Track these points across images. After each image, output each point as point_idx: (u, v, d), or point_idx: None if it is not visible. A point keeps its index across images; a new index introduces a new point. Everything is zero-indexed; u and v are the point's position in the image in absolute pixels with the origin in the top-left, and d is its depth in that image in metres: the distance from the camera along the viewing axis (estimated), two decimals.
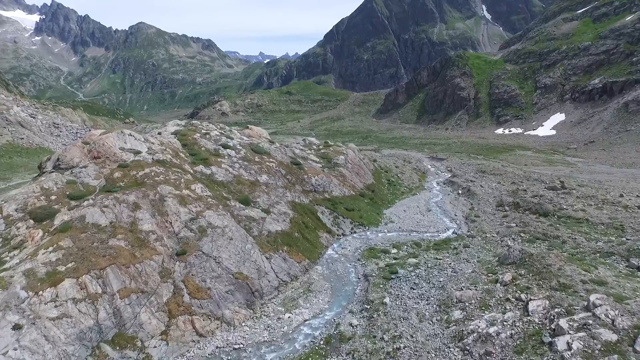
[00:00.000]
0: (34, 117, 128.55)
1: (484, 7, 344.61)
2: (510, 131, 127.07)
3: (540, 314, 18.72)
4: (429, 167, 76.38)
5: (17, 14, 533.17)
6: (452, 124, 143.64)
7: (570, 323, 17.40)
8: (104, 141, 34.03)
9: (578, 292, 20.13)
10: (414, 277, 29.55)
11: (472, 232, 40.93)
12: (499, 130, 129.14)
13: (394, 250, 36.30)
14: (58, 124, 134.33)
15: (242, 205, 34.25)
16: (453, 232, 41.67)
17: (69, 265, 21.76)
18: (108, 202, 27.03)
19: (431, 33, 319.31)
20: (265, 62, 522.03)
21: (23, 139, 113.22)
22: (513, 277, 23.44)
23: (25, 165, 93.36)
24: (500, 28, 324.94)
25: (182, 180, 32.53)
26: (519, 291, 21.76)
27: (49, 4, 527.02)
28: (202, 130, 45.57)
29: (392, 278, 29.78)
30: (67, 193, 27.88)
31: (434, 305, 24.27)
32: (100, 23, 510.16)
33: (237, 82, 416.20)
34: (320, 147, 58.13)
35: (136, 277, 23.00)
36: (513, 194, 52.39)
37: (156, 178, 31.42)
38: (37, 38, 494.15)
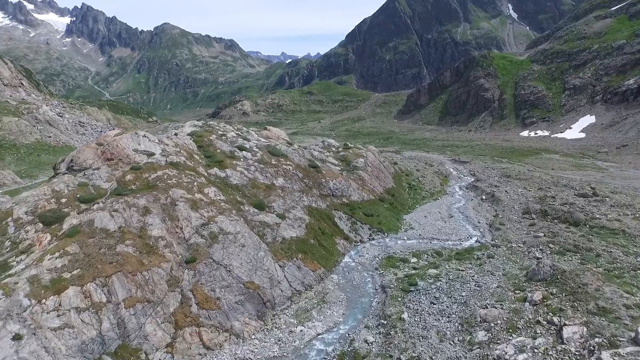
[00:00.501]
0: (61, 116, 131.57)
1: (510, 6, 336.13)
2: (536, 134, 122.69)
3: (577, 343, 16.88)
4: (452, 170, 73.86)
5: (50, 17, 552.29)
6: (476, 125, 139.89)
7: (616, 358, 15.48)
8: (117, 142, 33.68)
9: (621, 319, 18.13)
10: (435, 290, 27.88)
11: (496, 241, 38.87)
12: (525, 133, 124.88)
13: (414, 260, 34.64)
14: (84, 123, 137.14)
15: (256, 210, 33.31)
16: (476, 241, 39.68)
17: (75, 272, 21.09)
18: (118, 206, 26.38)
19: (455, 33, 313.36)
20: (287, 62, 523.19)
21: (50, 137, 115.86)
22: (544, 296, 21.56)
23: (51, 162, 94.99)
24: (527, 27, 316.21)
25: (195, 183, 31.79)
26: (551, 313, 19.90)
27: (79, 7, 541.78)
28: (219, 132, 44.92)
29: (411, 290, 28.19)
30: (78, 196, 27.38)
31: (456, 324, 22.61)
32: (127, 24, 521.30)
33: (258, 82, 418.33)
34: (340, 149, 56.71)
35: (143, 286, 22.17)
36: (540, 200, 49.80)
37: (169, 181, 30.76)
38: (67, 39, 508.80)
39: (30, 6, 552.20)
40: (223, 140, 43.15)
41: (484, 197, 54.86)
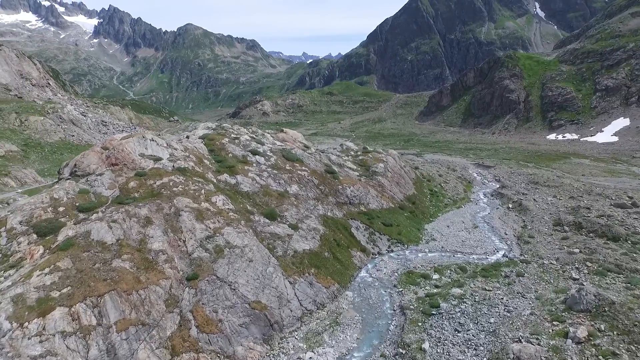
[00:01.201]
0: (84, 115, 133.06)
1: (536, 4, 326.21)
2: (564, 137, 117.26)
3: None
4: (475, 175, 70.22)
5: (79, 19, 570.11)
6: (500, 128, 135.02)
7: None
8: (123, 147, 32.04)
9: None
10: (459, 314, 25.25)
11: (525, 255, 35.83)
12: (552, 136, 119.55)
13: (436, 276, 32.00)
14: (106, 122, 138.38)
15: (267, 220, 31.31)
16: (503, 255, 36.70)
17: (64, 290, 19.40)
18: (118, 216, 24.69)
19: (479, 33, 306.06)
20: (308, 62, 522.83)
21: (74, 136, 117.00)
22: (590, 332, 18.73)
23: None
24: (555, 27, 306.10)
25: (203, 191, 30.00)
26: (601, 357, 17.10)
27: (106, 9, 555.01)
28: (232, 135, 43.31)
29: (433, 314, 25.62)
30: (77, 204, 25.86)
31: (484, 359, 19.98)
32: (151, 25, 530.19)
33: (279, 82, 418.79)
34: (359, 153, 54.31)
35: (138, 306, 20.34)
36: (573, 211, 46.24)
37: (174, 188, 29.06)
38: (95, 40, 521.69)
39: (61, 9, 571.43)
40: (236, 144, 41.45)
41: (510, 206, 51.47)
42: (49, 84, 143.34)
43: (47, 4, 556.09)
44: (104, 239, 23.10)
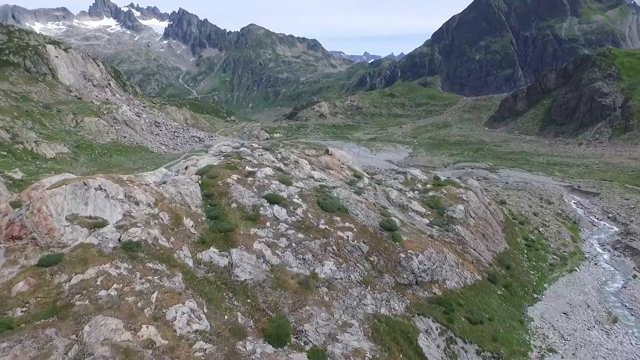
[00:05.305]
0: (138, 116, 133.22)
1: None
2: None
3: None
4: (574, 206, 55.13)
5: (152, 22, 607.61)
6: (588, 138, 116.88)
7: None
8: (41, 204, 20.27)
9: None
10: None
11: None
12: None
13: None
14: (159, 123, 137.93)
15: (269, 348, 18.07)
16: None
17: None
18: None
19: (559, 29, 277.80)
20: (369, 62, 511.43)
21: (126, 137, 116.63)
22: None
23: (120, 165, 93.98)
24: None
25: (156, 295, 17.93)
26: None
27: (176, 11, 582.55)
28: (247, 168, 30.40)
29: None
30: None
31: None
32: (217, 26, 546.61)
33: (339, 82, 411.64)
34: (428, 186, 40.23)
35: None
36: None
37: (100, 293, 17.29)
38: (164, 42, 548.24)
39: (137, 13, 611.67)
40: (247, 184, 28.35)
41: None
42: (109, 84, 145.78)
43: (125, 9, 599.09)
44: None
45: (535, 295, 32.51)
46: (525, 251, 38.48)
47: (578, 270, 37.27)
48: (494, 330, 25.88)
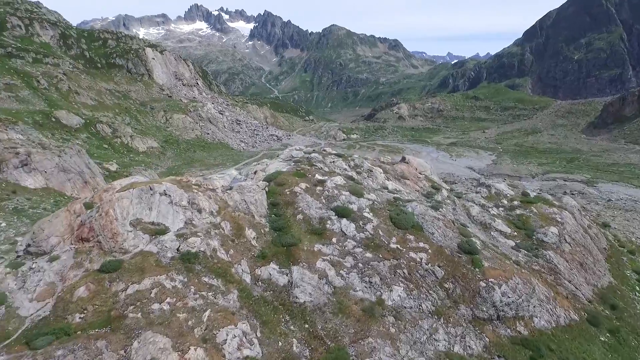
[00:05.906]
0: (221, 114, 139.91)
1: None
2: None
3: None
4: None
5: (239, 24, 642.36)
6: None
7: None
8: (109, 207, 20.30)
9: None
10: None
11: None
12: None
13: None
14: (240, 121, 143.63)
15: None
16: None
17: None
18: None
19: None
20: (452, 62, 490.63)
21: (209, 134, 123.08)
22: None
23: (202, 160, 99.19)
24: None
25: (207, 314, 17.01)
26: None
27: (262, 14, 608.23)
28: (316, 176, 28.57)
29: None
30: None
31: None
32: (299, 27, 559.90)
33: (420, 84, 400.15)
34: (514, 202, 34.73)
35: None
36: None
37: (152, 307, 16.67)
38: (249, 42, 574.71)
39: (225, 16, 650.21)
40: (315, 194, 26.29)
41: None
42: (197, 83, 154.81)
43: (215, 13, 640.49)
44: None
45: None
46: (638, 288, 31.56)
47: None
48: None
